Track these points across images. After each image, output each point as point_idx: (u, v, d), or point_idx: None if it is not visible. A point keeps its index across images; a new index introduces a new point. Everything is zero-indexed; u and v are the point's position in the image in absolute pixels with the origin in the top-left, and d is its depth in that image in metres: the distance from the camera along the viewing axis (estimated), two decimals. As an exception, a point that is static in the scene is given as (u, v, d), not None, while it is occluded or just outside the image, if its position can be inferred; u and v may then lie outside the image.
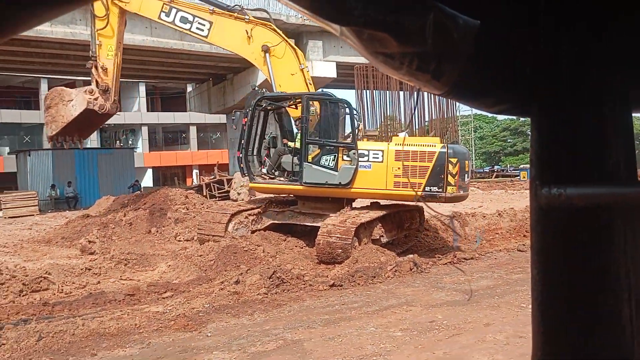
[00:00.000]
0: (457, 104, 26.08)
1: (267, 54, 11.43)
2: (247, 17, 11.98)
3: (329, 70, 29.37)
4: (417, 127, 27.41)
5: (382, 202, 10.50)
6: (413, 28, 0.61)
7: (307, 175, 9.75)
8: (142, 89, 45.74)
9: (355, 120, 10.15)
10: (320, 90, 13.72)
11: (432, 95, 28.39)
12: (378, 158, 9.56)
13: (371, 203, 10.55)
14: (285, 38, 11.84)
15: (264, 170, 10.64)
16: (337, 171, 9.70)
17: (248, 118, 10.04)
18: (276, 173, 10.51)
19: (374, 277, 7.81)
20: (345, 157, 9.75)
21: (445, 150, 9.62)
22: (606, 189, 0.57)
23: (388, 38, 0.61)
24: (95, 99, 12.43)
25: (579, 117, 0.60)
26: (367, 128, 24.87)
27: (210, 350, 4.89)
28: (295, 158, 10.13)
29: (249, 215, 10.56)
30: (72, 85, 44.94)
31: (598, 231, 0.57)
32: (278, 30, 11.80)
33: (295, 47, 11.94)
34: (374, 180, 9.56)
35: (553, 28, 0.62)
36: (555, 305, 0.58)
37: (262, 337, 5.21)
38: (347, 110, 10.21)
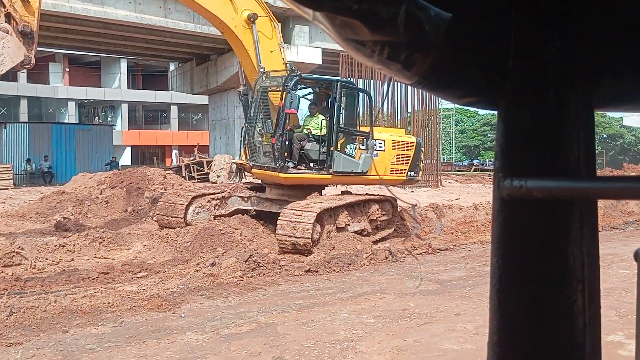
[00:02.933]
0: (440, 96, 26.20)
1: (253, 25, 10.42)
2: None
3: (314, 57, 29.26)
4: (399, 118, 27.51)
5: (357, 190, 10.97)
6: (385, 17, 0.62)
7: (337, 164, 9.61)
8: (124, 65, 44.99)
9: (372, 110, 11.07)
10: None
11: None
12: (382, 147, 10.33)
13: (342, 192, 10.72)
14: (269, 11, 10.99)
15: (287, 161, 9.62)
16: (358, 159, 9.90)
17: (284, 100, 9.12)
18: (289, 163, 9.64)
19: (350, 264, 7.90)
20: (361, 146, 9.98)
21: (420, 140, 11.61)
22: (565, 182, 0.60)
23: (360, 25, 0.63)
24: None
25: (543, 113, 0.63)
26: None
27: (183, 330, 4.90)
28: (318, 146, 9.68)
29: (212, 199, 10.20)
30: (51, 58, 44.07)
31: (556, 223, 0.60)
32: (262, 1, 10.88)
33: (276, 21, 11.07)
34: (379, 167, 10.07)
35: (523, 24, 0.65)
36: (513, 293, 0.61)
37: (236, 319, 5.24)
38: (367, 100, 10.92)
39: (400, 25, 0.62)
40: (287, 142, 9.48)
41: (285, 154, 9.40)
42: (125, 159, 40.38)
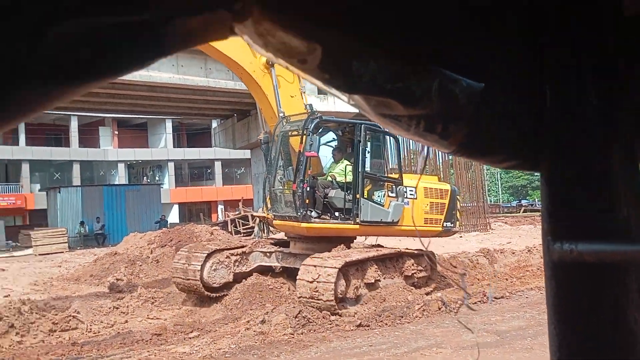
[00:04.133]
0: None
1: (272, 70, 10.01)
2: None
3: (351, 106, 29.61)
4: (440, 161, 27.26)
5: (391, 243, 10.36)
6: (419, 93, 0.63)
7: (365, 213, 8.95)
8: (169, 125, 46.74)
9: (400, 155, 10.28)
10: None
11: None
12: (413, 195, 9.67)
13: (372, 245, 9.88)
14: None
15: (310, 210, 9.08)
16: (387, 208, 9.26)
17: (304, 144, 8.65)
18: (313, 212, 9.03)
19: (402, 316, 7.69)
20: (390, 193, 9.36)
21: (455, 188, 10.86)
22: (616, 246, 0.57)
23: (395, 103, 0.64)
24: None
25: (588, 173, 0.61)
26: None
27: (237, 394, 4.83)
28: (343, 194, 9.10)
29: (231, 255, 9.41)
30: (100, 122, 46.33)
31: (610, 288, 0.57)
32: None
33: None
34: (410, 216, 9.55)
35: (557, 85, 0.64)
36: None
37: (290, 380, 5.14)
38: (395, 144, 10.26)
39: (434, 99, 0.63)
40: (308, 189, 8.87)
41: (307, 202, 8.78)
42: (174, 216, 41.35)
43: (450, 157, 27.62)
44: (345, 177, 9.15)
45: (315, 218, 8.84)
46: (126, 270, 11.62)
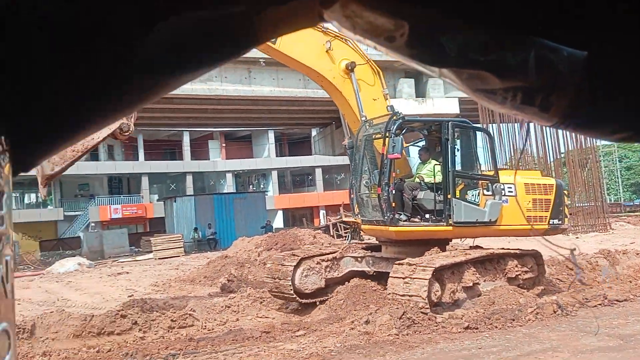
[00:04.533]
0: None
1: (352, 74, 9.74)
2: (323, 27, 9.67)
3: (451, 107, 28.92)
4: (552, 159, 25.67)
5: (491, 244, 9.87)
6: (514, 64, 0.61)
7: (458, 214, 8.56)
8: (271, 135, 48.46)
9: (495, 151, 9.69)
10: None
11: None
12: (512, 192, 9.11)
13: (470, 247, 9.50)
14: (368, 57, 10.20)
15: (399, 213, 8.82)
16: (483, 207, 8.79)
17: (387, 146, 8.43)
18: (402, 215, 8.81)
19: (513, 319, 7.31)
20: (485, 192, 8.90)
21: (561, 182, 10.06)
22: None
23: (488, 75, 0.62)
24: None
25: None
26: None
27: (344, 390, 4.88)
28: (434, 195, 8.78)
29: (322, 260, 9.24)
30: (209, 136, 49.09)
31: None
32: (359, 48, 10.10)
33: (379, 69, 10.29)
34: (512, 215, 8.97)
35: None
36: None
37: (396, 379, 5.09)
38: (488, 140, 9.71)
39: (532, 70, 0.61)
40: (395, 192, 8.62)
41: (394, 205, 8.52)
42: (278, 222, 42.69)
43: (562, 155, 25.92)
44: (434, 177, 8.87)
45: (404, 221, 8.60)
46: (236, 272, 12.18)
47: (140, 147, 44.92)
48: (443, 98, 29.97)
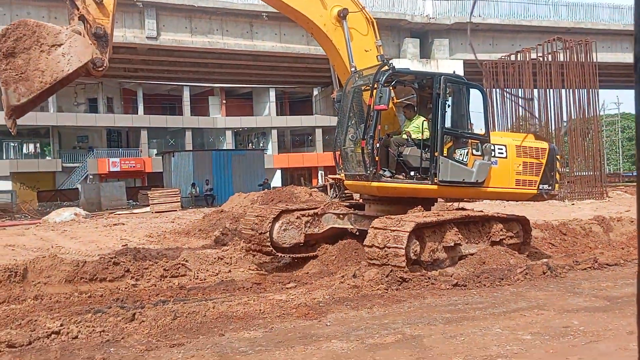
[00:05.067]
0: (601, 101, 23.87)
1: (344, 22, 9.13)
2: None
3: (456, 69, 28.44)
4: (553, 128, 25.48)
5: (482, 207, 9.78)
6: None
7: (444, 172, 8.22)
8: (272, 94, 48.02)
9: (488, 109, 9.02)
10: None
11: (570, 92, 25.77)
12: (502, 154, 8.83)
13: (457, 208, 9.23)
14: (362, 6, 9.59)
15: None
16: (471, 167, 8.44)
17: (375, 98, 7.91)
18: (387, 171, 8.48)
19: (502, 279, 7.36)
20: (474, 152, 8.52)
21: (554, 146, 9.59)
22: None
23: None
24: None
25: None
26: (497, 129, 23.56)
27: (329, 338, 4.93)
28: (419, 152, 8.42)
29: (302, 215, 8.98)
30: (210, 92, 48.64)
31: None
32: None
33: (373, 18, 9.64)
34: (500, 177, 8.73)
35: None
36: None
37: (381, 330, 5.14)
38: (481, 97, 8.98)
39: None
40: (380, 148, 8.27)
41: (377, 160, 8.14)
42: (276, 181, 42.75)
43: (564, 123, 25.70)
44: (422, 133, 8.46)
45: (388, 177, 8.26)
46: (230, 226, 12.22)
47: (140, 100, 44.55)
48: (448, 59, 29.52)
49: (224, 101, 48.93)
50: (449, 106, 8.38)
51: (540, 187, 9.15)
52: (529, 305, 5.97)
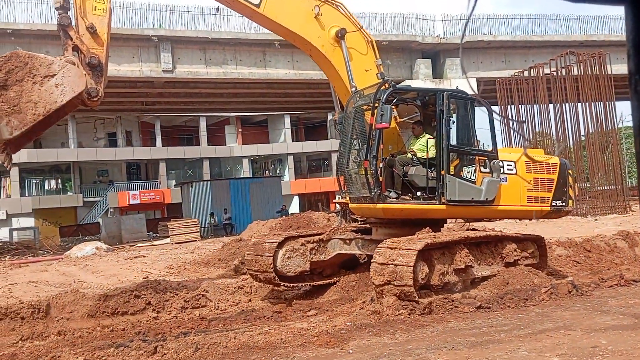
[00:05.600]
0: (619, 113, 23.63)
1: (342, 42, 8.93)
2: None
3: (468, 87, 28.45)
4: (572, 142, 25.24)
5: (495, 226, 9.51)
6: None
7: (452, 191, 7.93)
8: (287, 120, 48.41)
9: (494, 125, 8.66)
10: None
11: (586, 105, 25.46)
12: (512, 170, 8.55)
13: (468, 228, 8.86)
14: (361, 25, 9.41)
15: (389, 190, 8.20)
16: (480, 185, 8.15)
17: (376, 116, 7.70)
18: (392, 192, 8.19)
19: (526, 299, 7.22)
20: (482, 169, 8.25)
21: (565, 161, 9.28)
22: None
23: None
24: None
25: None
26: (513, 146, 23.37)
27: (351, 367, 4.87)
28: (425, 170, 8.16)
29: (307, 242, 8.65)
30: (226, 121, 49.25)
31: None
32: (351, 14, 9.23)
33: (372, 37, 9.51)
34: (511, 195, 8.44)
35: None
36: None
37: (404, 356, 5.06)
38: (487, 113, 8.68)
39: None
40: (385, 168, 8.08)
41: (382, 180, 7.89)
42: (294, 207, 42.78)
43: (582, 137, 25.42)
44: (427, 152, 8.23)
45: (394, 199, 7.99)
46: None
47: (158, 133, 45.24)
48: (461, 78, 29.53)
49: (240, 130, 49.45)
50: (453, 122, 8.17)
51: (553, 204, 8.83)
52: (556, 326, 5.84)
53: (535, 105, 26.12)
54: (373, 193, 7.81)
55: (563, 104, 24.84)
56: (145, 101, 35.50)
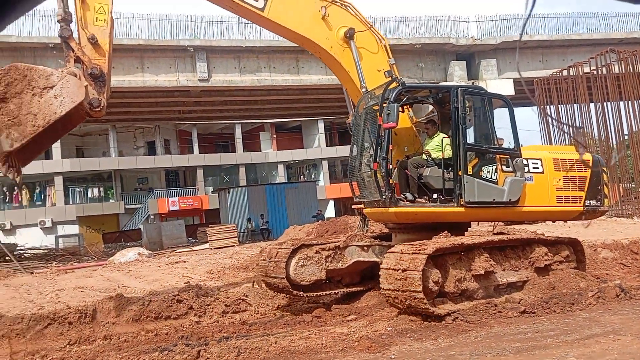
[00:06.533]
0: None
1: (351, 42, 8.70)
2: None
3: (505, 88, 28.00)
4: (615, 141, 24.43)
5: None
6: None
7: (470, 193, 7.52)
8: (321, 125, 48.56)
9: (515, 122, 8.16)
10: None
11: (629, 102, 24.73)
12: (538, 168, 8.10)
13: (494, 233, 8.43)
14: (371, 24, 9.12)
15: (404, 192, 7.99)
16: (502, 185, 7.74)
17: (389, 115, 7.29)
18: (408, 194, 7.93)
19: (573, 304, 7.02)
20: (505, 168, 7.84)
21: (599, 158, 8.73)
22: None
23: None
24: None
25: None
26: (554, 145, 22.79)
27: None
28: (440, 171, 7.79)
29: (322, 249, 8.27)
30: (261, 128, 49.76)
31: None
32: (360, 14, 8.96)
33: (383, 36, 9.20)
34: (538, 195, 8.01)
35: None
36: None
37: (448, 362, 5.00)
38: (507, 109, 8.23)
39: None
40: (398, 170, 7.83)
41: (393, 183, 7.56)
42: (330, 212, 42.81)
43: (625, 136, 24.60)
44: (443, 152, 7.89)
45: (407, 201, 7.67)
46: (287, 260, 12.28)
47: (195, 140, 46.11)
48: (497, 79, 29.06)
49: (275, 136, 49.87)
50: (469, 120, 7.80)
51: (587, 204, 8.35)
52: (604, 331, 5.66)
53: (575, 105, 25.43)
54: (384, 196, 7.50)
55: (604, 103, 24.09)
56: (182, 110, 36.23)
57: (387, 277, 6.75)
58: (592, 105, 24.89)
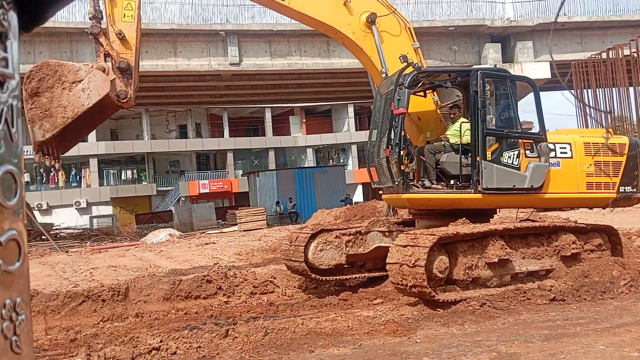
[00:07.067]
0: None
1: (373, 27, 8.54)
2: None
3: (541, 71, 27.24)
4: (635, 119, 23.67)
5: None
6: None
7: (488, 179, 7.31)
8: (351, 109, 48.33)
9: (541, 105, 7.78)
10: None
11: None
12: (566, 153, 7.79)
13: (520, 220, 8.11)
14: (394, 8, 8.91)
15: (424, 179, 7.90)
16: (524, 171, 7.49)
17: (399, 101, 7.19)
18: (426, 181, 7.86)
19: (604, 292, 6.88)
20: (528, 153, 7.58)
21: (636, 141, 8.25)
22: None
23: None
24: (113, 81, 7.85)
25: None
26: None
27: (419, 356, 4.83)
28: (458, 157, 7.63)
29: (342, 234, 8.17)
30: (290, 112, 49.83)
31: None
32: None
33: (407, 20, 9.03)
34: (565, 181, 7.74)
35: None
36: None
37: (474, 347, 4.97)
38: (533, 91, 7.91)
39: None
40: (416, 156, 7.74)
41: (404, 169, 7.40)
42: (358, 196, 42.75)
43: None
44: (462, 137, 7.68)
45: (420, 188, 7.60)
46: (315, 243, 12.35)
47: (225, 124, 46.54)
48: (533, 62, 28.31)
49: (304, 120, 49.90)
50: (490, 104, 7.57)
51: (621, 190, 7.97)
52: (635, 320, 5.54)
53: (614, 89, 24.63)
54: (396, 182, 7.44)
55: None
56: (214, 94, 36.52)
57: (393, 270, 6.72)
58: (631, 89, 24.07)
